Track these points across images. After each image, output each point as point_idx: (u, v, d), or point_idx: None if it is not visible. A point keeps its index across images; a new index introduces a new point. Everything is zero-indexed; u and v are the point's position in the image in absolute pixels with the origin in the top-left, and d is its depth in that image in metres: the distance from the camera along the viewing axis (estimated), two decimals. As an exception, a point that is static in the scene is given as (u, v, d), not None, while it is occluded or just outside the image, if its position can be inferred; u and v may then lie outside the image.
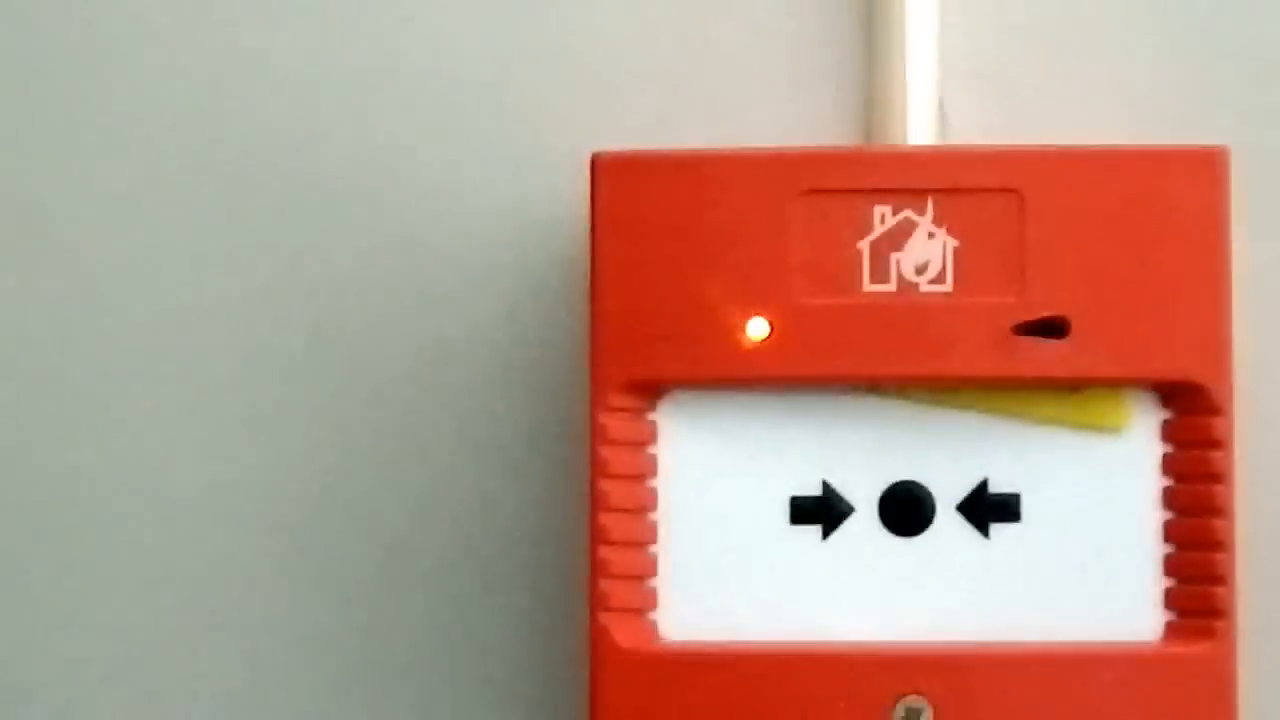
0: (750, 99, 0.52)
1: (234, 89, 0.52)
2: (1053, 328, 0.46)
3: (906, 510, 0.47)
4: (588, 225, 0.47)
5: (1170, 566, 0.46)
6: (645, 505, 0.47)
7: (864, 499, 0.47)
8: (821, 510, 0.47)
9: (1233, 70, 0.51)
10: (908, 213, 0.46)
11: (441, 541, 0.51)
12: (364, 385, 0.52)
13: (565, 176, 0.49)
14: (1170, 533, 0.46)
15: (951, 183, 0.46)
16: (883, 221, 0.46)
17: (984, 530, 0.47)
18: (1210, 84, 0.51)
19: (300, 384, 0.52)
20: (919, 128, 0.50)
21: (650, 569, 0.47)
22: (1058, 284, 0.46)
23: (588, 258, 0.47)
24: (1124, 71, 0.51)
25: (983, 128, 0.51)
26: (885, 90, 0.50)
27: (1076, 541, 0.46)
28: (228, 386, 0.52)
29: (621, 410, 0.46)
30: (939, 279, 0.46)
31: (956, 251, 0.46)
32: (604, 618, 0.46)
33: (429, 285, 0.52)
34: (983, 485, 0.47)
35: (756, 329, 0.46)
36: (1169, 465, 0.46)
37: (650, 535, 0.47)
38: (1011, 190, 0.46)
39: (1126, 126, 0.51)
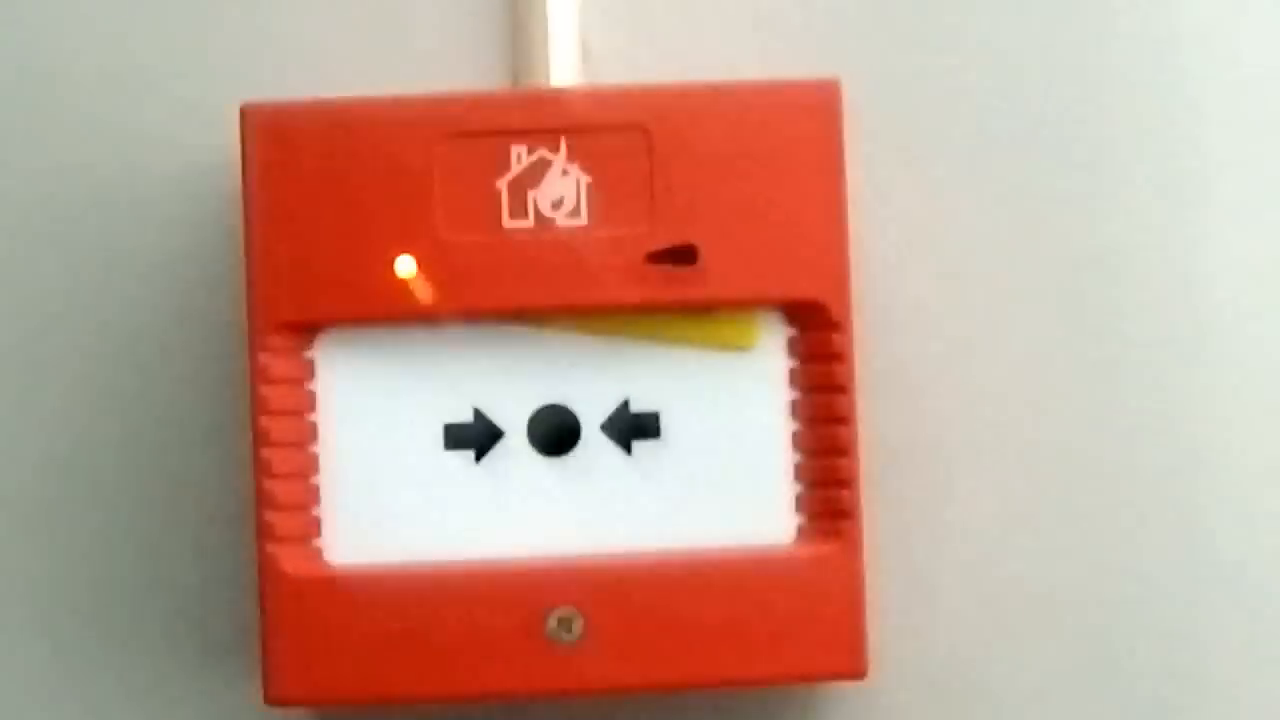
0: (402, 44, 0.54)
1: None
2: (682, 255, 0.48)
3: (554, 432, 0.50)
4: (241, 174, 0.48)
5: (801, 474, 0.49)
6: (305, 439, 0.49)
7: (514, 423, 0.50)
8: (473, 435, 0.49)
9: (854, 4, 0.54)
10: (542, 152, 0.49)
11: (112, 480, 0.53)
12: (26, 327, 0.53)
13: (218, 123, 0.51)
14: (800, 442, 0.49)
15: (582, 121, 0.49)
16: (519, 161, 0.49)
17: (627, 448, 0.50)
18: (833, 15, 0.54)
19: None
20: (561, 68, 0.52)
21: (313, 499, 0.49)
22: (686, 214, 0.49)
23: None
24: (756, 5, 0.54)
25: (624, 64, 0.53)
26: (528, 32, 0.52)
27: (714, 454, 0.49)
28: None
29: (278, 350, 0.49)
30: (574, 214, 0.49)
31: (589, 187, 0.49)
32: (270, 547, 0.48)
33: (90, 234, 0.53)
34: (624, 405, 0.50)
35: (404, 267, 0.48)
36: (796, 379, 0.49)
37: (312, 467, 0.49)
38: (638, 127, 0.49)
39: (759, 57, 0.53)
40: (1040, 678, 0.53)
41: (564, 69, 0.52)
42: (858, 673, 0.49)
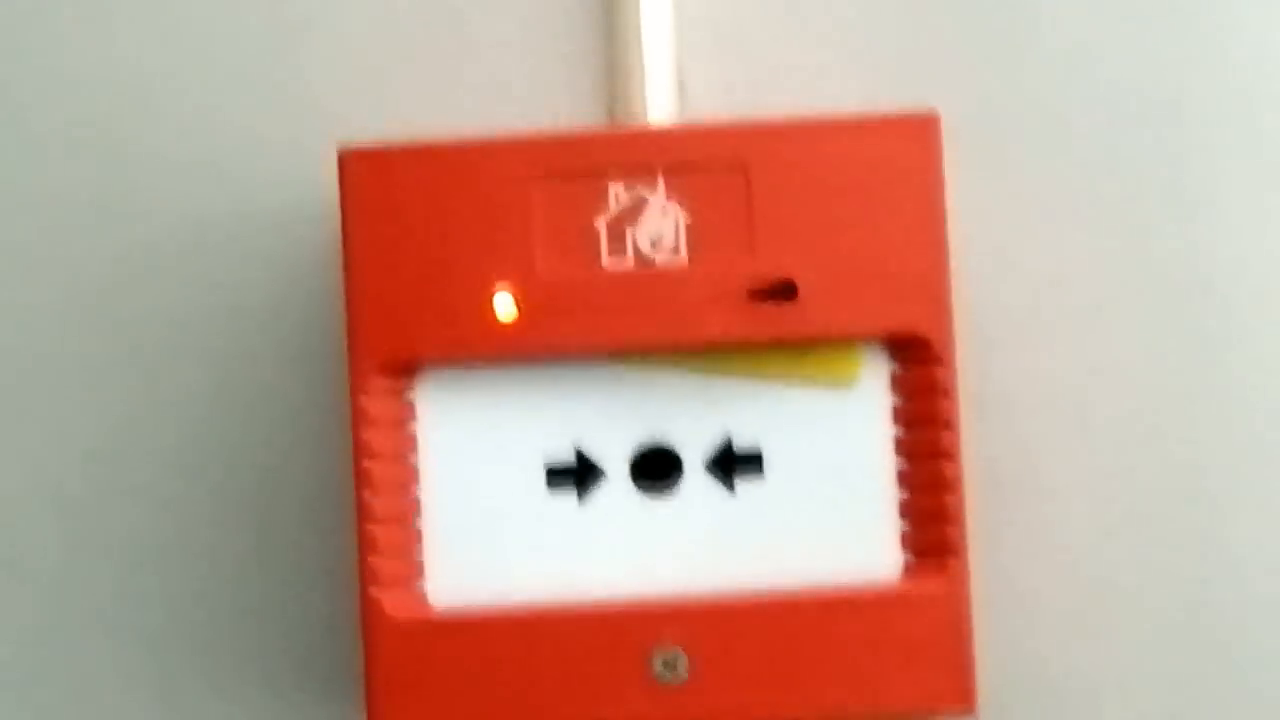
0: (499, 84, 0.54)
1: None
2: (783, 291, 0.48)
3: (657, 471, 0.49)
4: (339, 217, 0.48)
5: (905, 510, 0.49)
6: (408, 481, 0.49)
7: (616, 462, 0.49)
8: (576, 475, 0.49)
9: (947, 34, 0.53)
10: (640, 190, 0.48)
11: (218, 520, 0.53)
12: (130, 373, 0.53)
13: (316, 165, 0.51)
14: (904, 479, 0.49)
15: (680, 159, 0.48)
16: (617, 200, 0.48)
17: (730, 486, 0.49)
18: (928, 46, 0.53)
19: (63, 368, 0.53)
20: (658, 104, 0.52)
21: (416, 542, 0.49)
22: (786, 249, 0.48)
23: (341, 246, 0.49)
24: (850, 33, 0.53)
25: (721, 99, 0.53)
26: (624, 69, 0.52)
27: (818, 491, 0.49)
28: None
29: (379, 392, 0.48)
30: (673, 251, 0.48)
31: (688, 224, 0.48)
32: (374, 590, 0.48)
33: (189, 279, 0.53)
34: (727, 443, 0.49)
35: (504, 307, 0.48)
36: (899, 415, 0.49)
37: (414, 510, 0.49)
38: (737, 163, 0.48)
39: (857, 86, 0.53)
40: (1151, 710, 0.52)
41: (661, 106, 0.52)
42: (966, 708, 0.48)
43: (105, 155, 0.54)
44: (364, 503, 0.48)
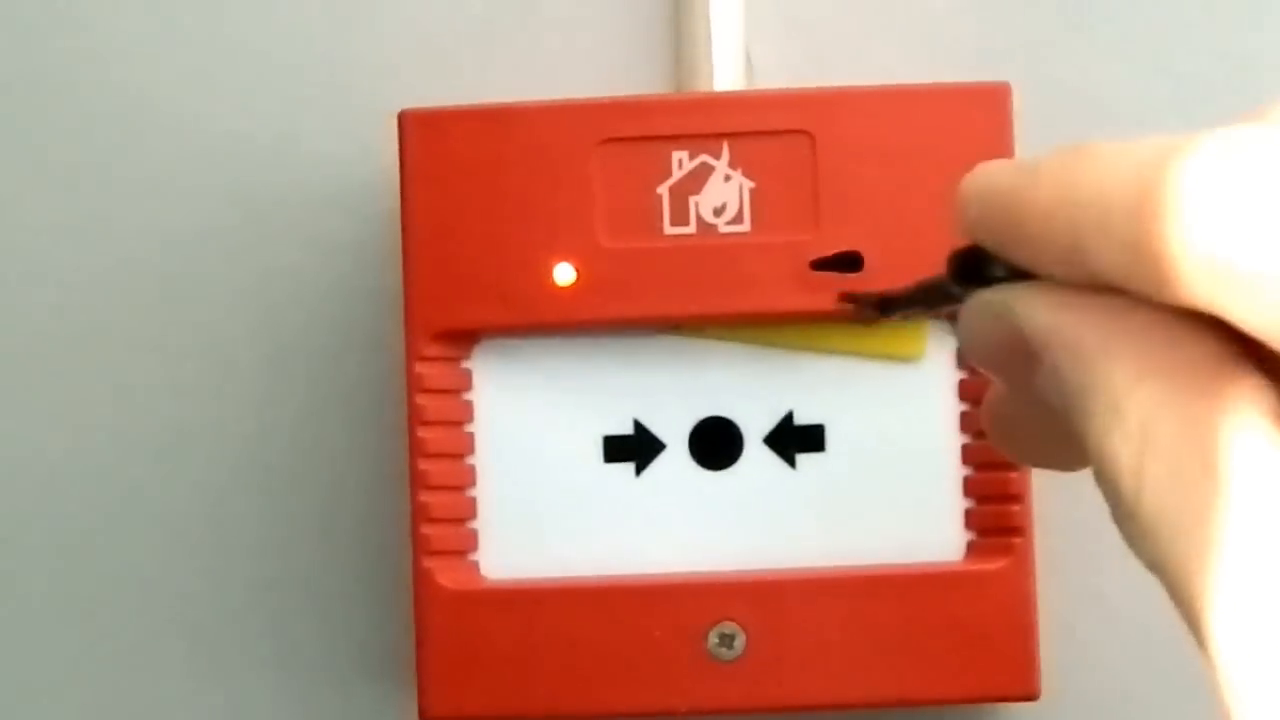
0: (566, 58, 0.53)
1: (55, 61, 0.53)
2: (847, 262, 0.47)
3: (716, 444, 0.48)
4: (399, 180, 0.48)
5: (970, 488, 0.48)
6: (463, 450, 0.48)
7: (675, 435, 0.48)
8: (634, 448, 0.48)
9: (1018, 15, 0.52)
10: (704, 157, 0.48)
11: (271, 491, 0.53)
12: (189, 343, 0.53)
13: (377, 133, 0.50)
14: (969, 456, 0.48)
15: (744, 126, 0.48)
16: (681, 166, 0.48)
17: (791, 461, 0.48)
18: (1000, 22, 0.52)
19: (127, 340, 0.53)
20: (725, 76, 0.51)
21: (470, 512, 0.48)
22: (851, 220, 0.47)
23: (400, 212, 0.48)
24: (920, 11, 0.52)
25: (788, 73, 0.52)
26: (692, 40, 0.51)
27: (880, 467, 0.48)
28: (57, 342, 0.53)
29: (436, 359, 0.48)
30: (737, 220, 0.47)
31: (752, 192, 0.47)
32: (427, 560, 0.48)
33: (251, 246, 0.53)
34: (788, 417, 0.48)
35: (563, 275, 0.47)
36: (965, 390, 0.48)
37: (469, 479, 0.48)
38: (802, 131, 0.47)
39: (926, 65, 0.52)
40: (1215, 714, 0.51)
41: (727, 77, 0.51)
42: (1030, 694, 0.47)
43: (165, 129, 0.53)
44: (418, 471, 0.48)
